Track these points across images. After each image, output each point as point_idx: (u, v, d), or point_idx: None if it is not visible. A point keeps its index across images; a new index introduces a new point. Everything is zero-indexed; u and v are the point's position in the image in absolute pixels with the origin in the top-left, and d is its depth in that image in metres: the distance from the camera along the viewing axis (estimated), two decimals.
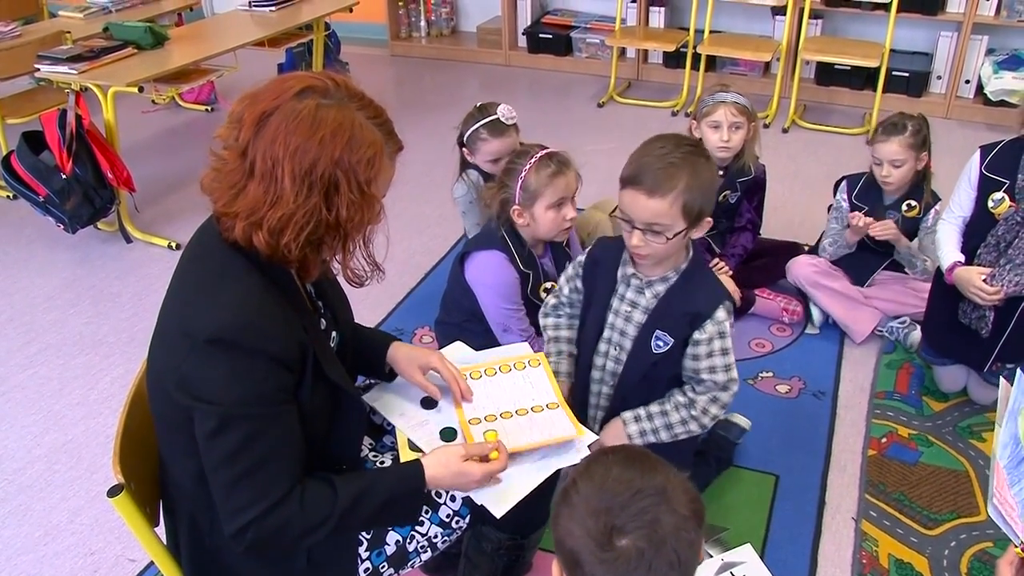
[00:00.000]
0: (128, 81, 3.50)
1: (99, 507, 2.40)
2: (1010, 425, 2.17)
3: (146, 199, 4.07)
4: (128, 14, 4.74)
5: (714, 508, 2.33)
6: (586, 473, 1.14)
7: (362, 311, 3.18)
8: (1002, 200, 2.47)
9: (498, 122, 2.83)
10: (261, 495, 1.38)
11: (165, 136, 5.06)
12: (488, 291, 2.49)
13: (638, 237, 1.82)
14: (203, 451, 1.39)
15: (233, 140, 1.38)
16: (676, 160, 1.77)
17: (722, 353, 1.93)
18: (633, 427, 1.99)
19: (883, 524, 2.28)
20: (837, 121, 5.00)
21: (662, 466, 1.14)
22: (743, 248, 3.18)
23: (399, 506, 1.53)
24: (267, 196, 1.35)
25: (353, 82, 1.45)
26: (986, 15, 4.81)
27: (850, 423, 2.65)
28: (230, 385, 1.35)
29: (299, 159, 1.33)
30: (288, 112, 1.34)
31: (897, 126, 2.84)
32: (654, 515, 1.07)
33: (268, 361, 1.37)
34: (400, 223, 3.89)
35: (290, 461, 1.42)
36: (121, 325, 3.21)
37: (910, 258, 2.97)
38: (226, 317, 1.35)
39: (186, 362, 1.36)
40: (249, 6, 4.71)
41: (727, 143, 3.00)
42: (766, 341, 3.05)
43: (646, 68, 5.75)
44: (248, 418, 1.36)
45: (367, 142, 1.38)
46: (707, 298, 1.91)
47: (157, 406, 1.51)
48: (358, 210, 1.39)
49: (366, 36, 6.39)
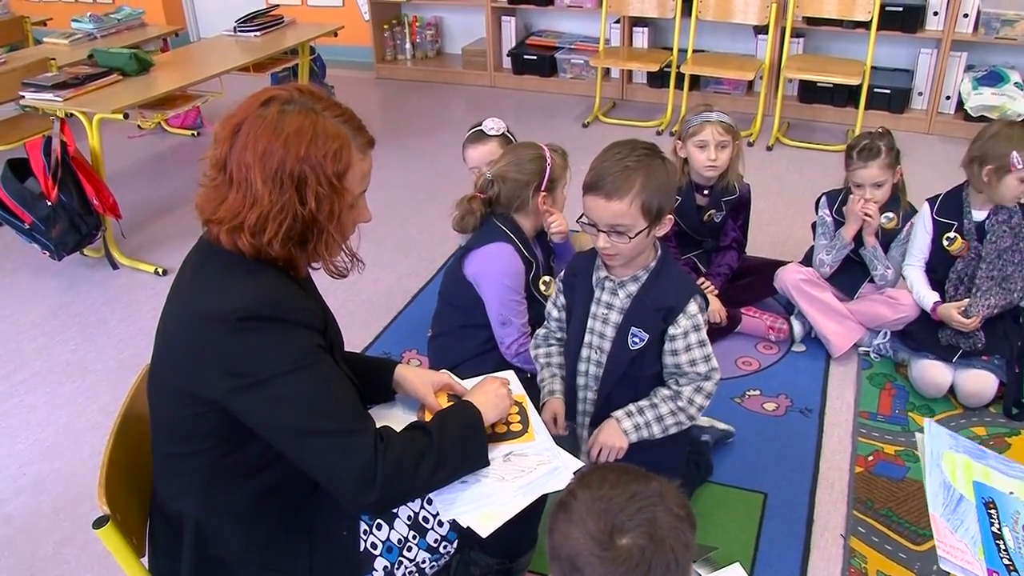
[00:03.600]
0: (113, 108, 3.51)
1: (85, 537, 2.38)
2: (935, 474, 2.22)
3: (133, 225, 4.06)
4: (113, 40, 4.77)
5: (703, 527, 2.30)
6: (583, 483, 1.17)
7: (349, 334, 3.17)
8: (955, 239, 2.82)
9: (480, 132, 2.88)
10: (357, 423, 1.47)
11: (151, 161, 5.07)
12: (496, 279, 2.51)
13: (604, 239, 1.90)
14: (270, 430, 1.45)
15: (214, 157, 1.48)
16: (631, 163, 1.86)
17: (699, 345, 2.00)
18: (627, 422, 2.03)
19: (871, 541, 2.29)
20: (820, 138, 5.04)
21: (653, 475, 1.18)
22: (728, 267, 3.19)
23: (472, 436, 1.63)
24: (245, 200, 1.44)
25: (320, 90, 1.55)
26: (964, 32, 4.87)
27: (837, 440, 2.66)
28: (277, 350, 1.42)
29: (267, 160, 1.42)
30: (254, 120, 1.44)
31: (872, 149, 2.86)
32: (652, 514, 1.11)
33: (301, 327, 1.46)
34: (386, 246, 3.90)
35: (358, 400, 1.52)
36: (108, 352, 3.20)
37: (872, 259, 3.00)
38: (253, 295, 1.44)
39: (224, 345, 1.42)
40: (234, 31, 4.74)
41: (714, 162, 3.03)
42: (752, 359, 3.07)
43: (631, 88, 5.79)
44: (306, 368, 1.44)
45: (331, 136, 1.46)
46: (678, 293, 1.98)
47: (164, 418, 1.55)
48: (330, 202, 1.48)
49: (352, 59, 6.43)
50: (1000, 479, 2.29)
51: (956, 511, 2.15)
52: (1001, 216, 2.75)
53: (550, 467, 1.68)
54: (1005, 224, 2.74)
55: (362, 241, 1.67)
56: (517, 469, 1.66)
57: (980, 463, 2.32)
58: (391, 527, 1.65)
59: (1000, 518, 2.17)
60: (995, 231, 2.75)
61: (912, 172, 3.07)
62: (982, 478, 2.27)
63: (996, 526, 2.14)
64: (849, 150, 2.95)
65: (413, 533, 1.65)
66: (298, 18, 5.09)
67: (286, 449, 1.46)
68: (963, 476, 2.26)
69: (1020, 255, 2.75)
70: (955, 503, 2.17)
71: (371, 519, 1.63)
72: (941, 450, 2.30)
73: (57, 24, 5.61)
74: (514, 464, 1.69)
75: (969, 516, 2.16)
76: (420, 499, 1.66)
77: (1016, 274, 2.75)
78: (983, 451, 2.38)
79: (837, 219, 3.03)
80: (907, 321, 2.93)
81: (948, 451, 2.31)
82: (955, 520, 2.13)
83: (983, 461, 2.33)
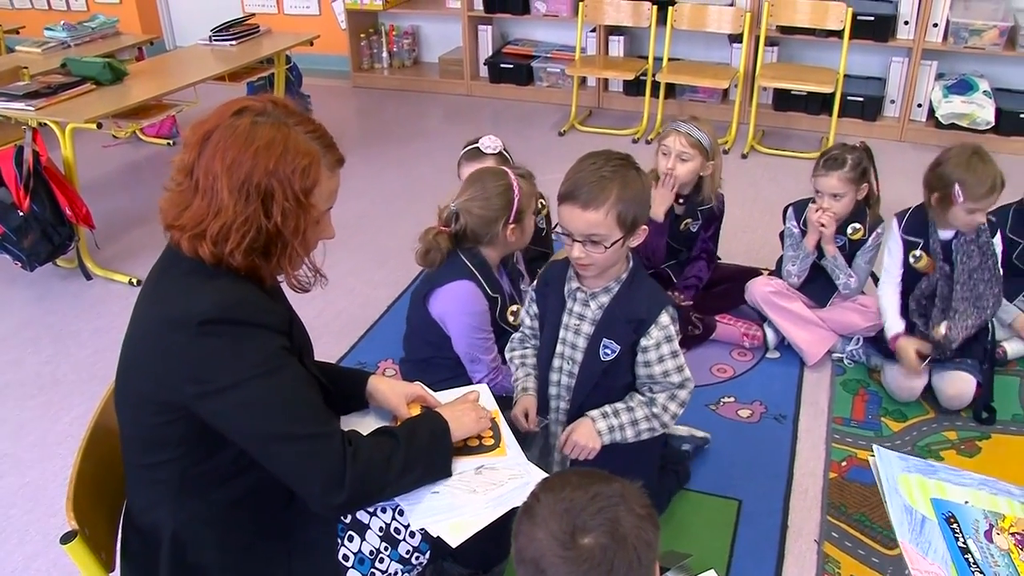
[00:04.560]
0: (87, 117, 3.48)
1: (56, 552, 2.35)
2: (895, 500, 2.27)
3: (107, 235, 4.03)
4: (87, 49, 4.73)
5: (677, 534, 2.34)
6: (546, 486, 1.18)
7: (324, 344, 3.18)
8: (921, 256, 2.81)
9: (476, 150, 2.86)
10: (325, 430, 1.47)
11: (126, 171, 5.04)
12: (461, 321, 2.48)
13: (579, 249, 1.90)
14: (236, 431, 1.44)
15: (182, 162, 1.47)
16: (607, 173, 1.87)
17: (672, 356, 2.01)
18: (602, 423, 2.04)
19: (844, 546, 2.30)
20: (795, 146, 5.07)
21: (615, 477, 1.19)
22: (697, 278, 3.20)
23: (439, 444, 1.63)
24: (209, 208, 1.43)
25: (293, 103, 1.55)
26: (934, 41, 4.92)
27: (811, 446, 2.68)
28: (241, 354, 1.42)
29: (235, 171, 1.42)
30: (226, 130, 1.44)
31: (837, 160, 2.89)
32: (614, 514, 1.11)
33: (265, 330, 1.45)
34: (362, 256, 3.89)
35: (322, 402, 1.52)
36: (81, 364, 3.17)
37: (833, 268, 3.02)
38: (216, 299, 1.43)
39: (188, 351, 1.41)
40: (210, 40, 4.71)
41: (671, 171, 3.03)
42: (727, 366, 3.08)
43: (607, 96, 5.81)
44: (270, 373, 1.43)
45: (302, 152, 1.46)
46: (649, 304, 1.99)
47: (133, 428, 1.53)
48: (295, 217, 1.47)
49: (328, 68, 6.41)
50: (954, 490, 2.33)
51: (922, 534, 2.19)
52: (969, 235, 2.74)
53: (521, 481, 1.68)
54: (973, 244, 2.74)
55: (337, 251, 1.67)
56: (488, 482, 1.66)
57: (932, 479, 2.36)
58: (363, 538, 1.64)
59: (963, 531, 2.20)
60: (963, 251, 2.75)
61: (885, 179, 3.10)
62: (938, 493, 2.31)
63: (961, 540, 2.18)
64: (820, 156, 2.98)
65: (385, 544, 1.65)
66: (274, 27, 5.09)
67: (253, 453, 1.46)
68: (921, 496, 2.30)
69: (989, 272, 2.75)
70: (920, 526, 2.21)
71: (343, 531, 1.63)
72: (895, 474, 2.34)
73: (30, 32, 5.56)
74: (485, 477, 1.69)
75: (935, 536, 2.19)
76: (392, 510, 1.65)
77: (987, 291, 2.75)
78: (932, 465, 2.43)
79: (803, 230, 3.06)
80: (879, 328, 2.95)
81: (902, 473, 2.36)
82: (923, 543, 2.16)
83: (935, 476, 2.37)
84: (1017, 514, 2.28)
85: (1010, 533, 2.22)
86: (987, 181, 2.62)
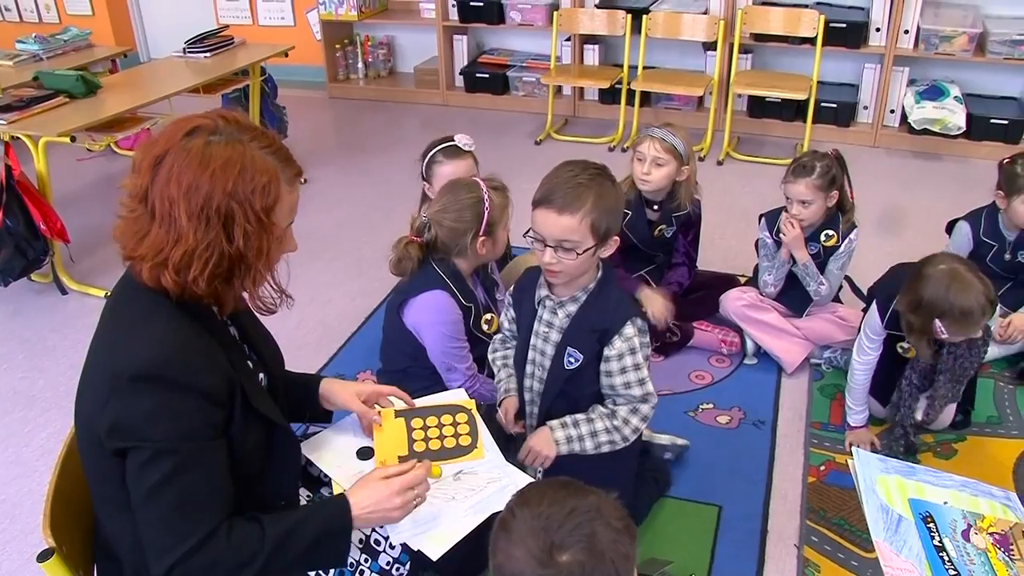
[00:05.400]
0: (60, 131, 3.46)
1: (33, 570, 2.31)
2: (871, 499, 2.29)
3: (82, 249, 4.00)
4: (60, 62, 4.70)
5: (658, 541, 2.35)
6: (521, 501, 1.18)
7: (302, 356, 3.17)
8: (909, 348, 2.59)
9: (455, 147, 2.85)
10: (186, 533, 1.38)
11: (101, 184, 5.00)
12: (435, 330, 2.48)
13: (550, 254, 1.90)
14: (130, 489, 1.39)
15: (134, 187, 1.42)
16: (584, 181, 1.88)
17: (634, 368, 2.00)
18: (560, 432, 2.04)
19: (824, 549, 2.32)
20: (770, 152, 5.11)
21: (591, 489, 1.19)
22: (678, 283, 3.22)
23: (327, 546, 1.53)
24: (168, 236, 1.38)
25: (245, 117, 1.50)
26: (906, 48, 4.98)
27: (789, 451, 2.69)
28: (157, 420, 1.36)
29: (193, 196, 1.37)
30: (178, 152, 1.39)
31: (806, 167, 2.91)
32: (591, 529, 1.11)
33: (196, 396, 1.39)
34: (339, 266, 3.88)
35: (218, 499, 1.42)
36: (57, 379, 3.14)
37: (805, 275, 3.04)
38: (150, 353, 1.37)
39: (112, 404, 1.36)
40: (184, 52, 4.69)
41: (646, 176, 3.05)
42: (705, 373, 3.09)
43: (582, 105, 5.84)
44: (175, 453, 1.37)
45: (260, 170, 1.41)
46: (614, 315, 1.99)
47: (88, 461, 1.50)
48: (258, 239, 1.43)
49: (303, 79, 6.40)
50: (933, 491, 2.35)
51: (898, 532, 2.20)
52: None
53: (500, 485, 1.68)
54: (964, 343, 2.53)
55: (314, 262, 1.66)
56: (467, 488, 1.67)
57: (911, 480, 2.38)
58: None
59: (939, 530, 2.22)
60: (953, 352, 2.54)
61: (859, 184, 3.12)
62: (916, 494, 2.33)
63: (937, 539, 2.19)
64: (791, 164, 3.00)
65: (365, 556, 1.65)
66: (249, 38, 5.07)
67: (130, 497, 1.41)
68: (898, 496, 2.32)
69: (973, 357, 2.57)
70: (895, 525, 2.22)
71: None
72: (873, 475, 2.36)
73: (1, 45, 5.51)
74: (464, 483, 1.69)
75: (911, 535, 2.21)
76: None
77: (970, 368, 2.59)
78: (912, 467, 2.45)
79: (776, 239, 3.08)
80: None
81: (880, 475, 2.37)
82: (898, 541, 2.18)
83: (914, 477, 2.39)
84: (997, 514, 2.30)
85: (988, 533, 2.24)
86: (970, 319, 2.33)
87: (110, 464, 1.41)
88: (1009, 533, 2.25)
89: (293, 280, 1.62)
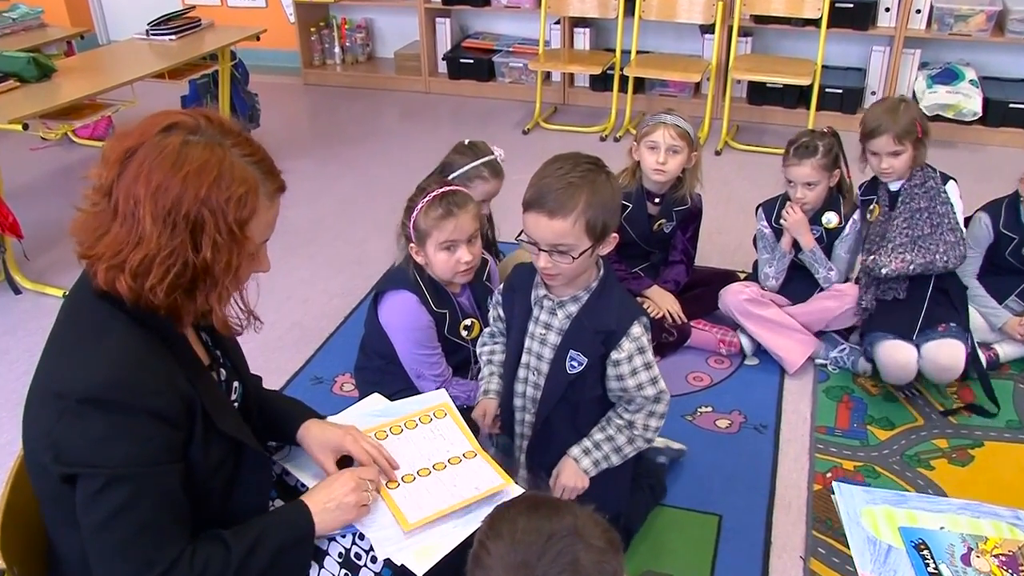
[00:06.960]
0: (10, 118, 3.40)
1: None
2: (856, 533, 2.31)
3: (37, 245, 3.95)
4: (8, 42, 4.62)
5: (656, 552, 2.34)
6: (493, 532, 1.15)
7: (278, 360, 3.16)
8: (873, 209, 3.05)
9: (496, 163, 2.90)
10: (149, 563, 1.36)
11: (58, 175, 4.96)
12: (401, 334, 2.49)
13: (545, 259, 1.89)
14: (80, 517, 1.36)
15: (99, 179, 1.38)
16: (575, 179, 1.86)
17: (645, 367, 2.00)
18: (586, 461, 2.05)
19: (832, 562, 2.31)
20: (771, 141, 5.11)
21: (566, 506, 1.17)
22: (675, 282, 3.22)
23: (291, 553, 1.52)
24: (129, 237, 1.35)
25: (231, 120, 1.46)
26: (918, 28, 5.00)
27: (793, 457, 2.69)
28: (108, 446, 1.33)
29: (161, 197, 1.33)
30: (151, 148, 1.35)
31: (808, 148, 2.95)
32: (572, 555, 1.10)
33: (149, 418, 1.36)
34: (316, 263, 3.86)
35: (177, 525, 1.40)
36: (11, 385, 3.11)
37: (812, 262, 3.07)
38: (100, 374, 1.34)
39: (58, 427, 1.33)
40: (147, 34, 4.65)
41: (663, 166, 3.04)
42: (704, 374, 3.09)
43: (572, 92, 5.83)
44: (129, 479, 1.34)
45: (238, 179, 1.38)
46: (620, 316, 1.98)
47: (37, 481, 1.47)
48: (228, 252, 1.39)
49: (277, 64, 6.38)
50: (927, 517, 2.36)
51: (887, 564, 2.21)
52: (915, 180, 2.93)
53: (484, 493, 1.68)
54: (918, 188, 2.94)
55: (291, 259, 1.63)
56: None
57: (902, 508, 2.39)
58: (321, 565, 1.62)
59: (935, 556, 2.23)
60: (907, 194, 2.95)
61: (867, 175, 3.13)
62: (907, 522, 2.34)
63: (932, 566, 2.20)
64: (788, 145, 3.02)
65: (345, 572, 1.63)
66: (217, 20, 5.03)
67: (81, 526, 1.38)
68: (887, 526, 2.33)
69: (937, 217, 2.91)
70: (884, 556, 2.23)
71: None
72: (858, 508, 2.37)
73: None
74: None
75: (902, 564, 2.22)
76: (352, 535, 1.64)
77: (934, 234, 2.91)
78: (902, 496, 2.45)
79: (775, 228, 3.08)
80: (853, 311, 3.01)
81: (866, 507, 2.38)
82: (887, 572, 2.18)
83: (904, 506, 2.40)
84: (1003, 535, 2.31)
85: (993, 555, 2.25)
86: (871, 122, 2.91)
87: (58, 487, 1.38)
88: (1018, 553, 2.25)
89: (268, 277, 1.58)
